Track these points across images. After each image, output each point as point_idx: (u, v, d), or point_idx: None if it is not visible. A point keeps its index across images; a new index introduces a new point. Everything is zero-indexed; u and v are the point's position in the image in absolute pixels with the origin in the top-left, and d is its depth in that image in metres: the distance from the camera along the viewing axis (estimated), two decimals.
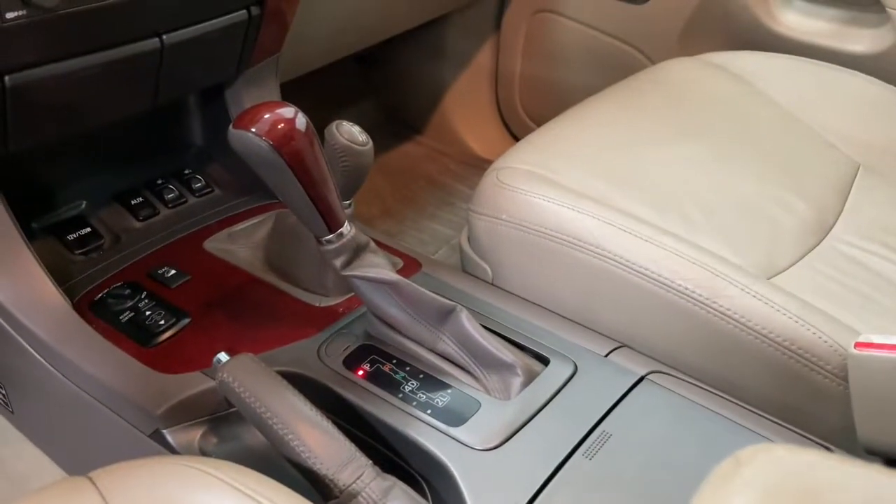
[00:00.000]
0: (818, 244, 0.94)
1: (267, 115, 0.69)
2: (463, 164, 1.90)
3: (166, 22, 0.84)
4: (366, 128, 0.84)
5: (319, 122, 0.76)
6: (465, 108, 1.92)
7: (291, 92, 1.16)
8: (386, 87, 1.98)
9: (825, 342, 0.76)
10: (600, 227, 0.87)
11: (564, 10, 1.65)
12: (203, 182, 1.07)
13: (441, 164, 1.91)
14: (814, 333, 0.77)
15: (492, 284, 0.95)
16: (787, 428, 0.74)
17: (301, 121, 0.70)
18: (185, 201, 1.04)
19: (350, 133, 0.83)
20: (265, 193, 1.05)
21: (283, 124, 0.68)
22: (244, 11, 0.93)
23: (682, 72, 1.28)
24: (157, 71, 0.88)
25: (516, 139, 1.94)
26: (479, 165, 1.89)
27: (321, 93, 1.74)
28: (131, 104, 0.91)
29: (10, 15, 0.69)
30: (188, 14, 0.86)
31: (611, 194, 0.94)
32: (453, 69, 1.89)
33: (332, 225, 0.74)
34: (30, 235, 0.88)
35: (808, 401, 0.78)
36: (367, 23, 1.35)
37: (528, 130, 1.86)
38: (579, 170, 0.98)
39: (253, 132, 0.68)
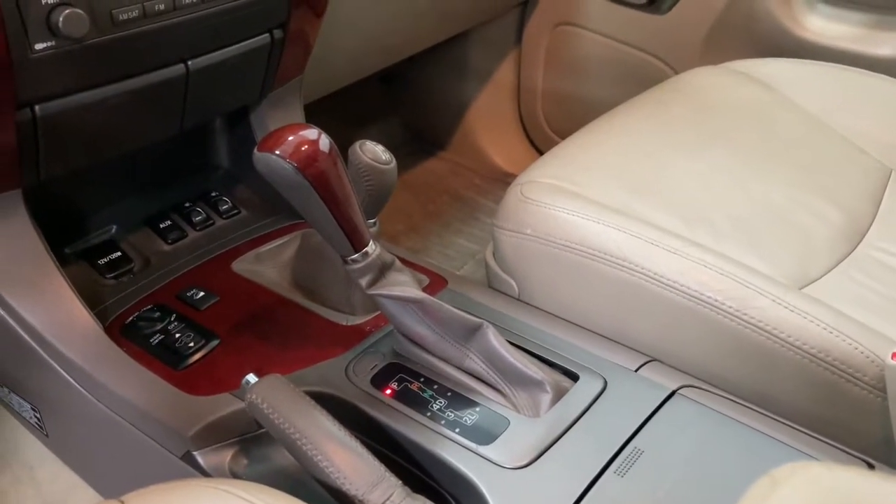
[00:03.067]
0: (851, 252, 0.92)
1: (291, 138, 0.69)
2: (487, 179, 1.90)
3: (191, 48, 0.86)
4: (390, 145, 0.85)
5: (343, 141, 0.76)
6: (488, 122, 1.93)
7: (315, 112, 1.18)
8: (409, 104, 1.99)
9: (861, 353, 0.74)
10: (626, 240, 0.86)
11: (585, 22, 1.65)
12: (230, 204, 1.08)
13: (465, 179, 1.92)
14: (849, 344, 0.75)
15: (518, 300, 0.95)
16: (824, 442, 0.72)
17: (325, 142, 0.70)
18: (213, 223, 1.06)
19: (373, 152, 0.83)
20: (291, 214, 1.05)
21: (306, 146, 0.69)
22: (267, 35, 0.94)
23: (706, 80, 1.26)
24: (184, 96, 0.89)
25: (540, 153, 1.94)
26: (503, 180, 1.89)
27: (345, 112, 1.76)
28: (159, 130, 0.92)
29: (38, 46, 0.71)
30: (212, 39, 0.87)
31: (636, 206, 0.93)
32: (476, 84, 1.90)
33: (357, 244, 0.74)
34: (62, 261, 0.90)
35: (846, 413, 0.77)
36: (389, 42, 1.36)
37: (552, 144, 1.87)
38: (604, 182, 0.97)
39: (277, 154, 0.68)
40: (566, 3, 1.65)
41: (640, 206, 0.93)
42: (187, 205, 1.06)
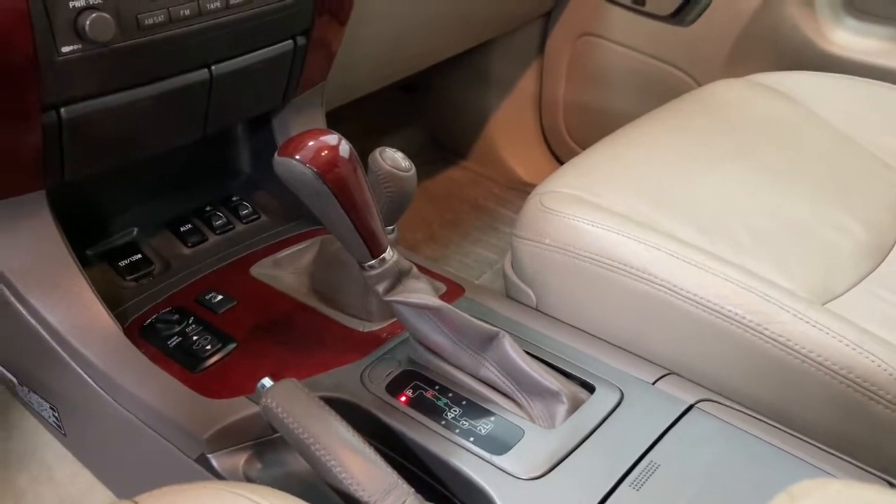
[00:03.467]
0: (876, 268, 0.91)
1: (311, 143, 0.69)
2: (507, 189, 1.90)
3: (215, 53, 0.86)
4: (410, 153, 0.85)
5: (364, 148, 0.77)
6: (509, 132, 1.93)
7: (337, 119, 1.18)
8: (430, 112, 1.99)
9: (885, 370, 0.73)
10: (646, 252, 0.86)
11: (608, 33, 1.65)
12: (250, 209, 1.09)
13: (485, 188, 1.91)
14: (872, 361, 0.74)
15: (536, 310, 0.94)
16: (844, 459, 0.71)
17: (345, 148, 0.70)
18: (233, 228, 1.06)
19: (394, 159, 0.83)
20: (310, 220, 1.06)
21: (326, 151, 0.69)
22: (290, 42, 0.95)
23: (730, 92, 1.26)
24: (207, 101, 0.90)
25: (561, 163, 1.93)
26: (524, 190, 1.88)
27: (366, 119, 1.77)
28: (182, 134, 0.93)
29: (65, 49, 0.72)
30: (236, 45, 0.88)
31: (657, 217, 0.92)
32: (497, 94, 1.90)
33: (375, 250, 0.74)
34: (84, 262, 0.91)
35: (867, 431, 0.75)
36: (412, 50, 1.37)
37: (573, 154, 1.85)
38: (624, 193, 0.96)
39: (297, 159, 0.69)
40: (589, 14, 1.65)
41: (661, 217, 0.92)
42: (208, 209, 1.07)
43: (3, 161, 0.77)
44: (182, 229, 1.03)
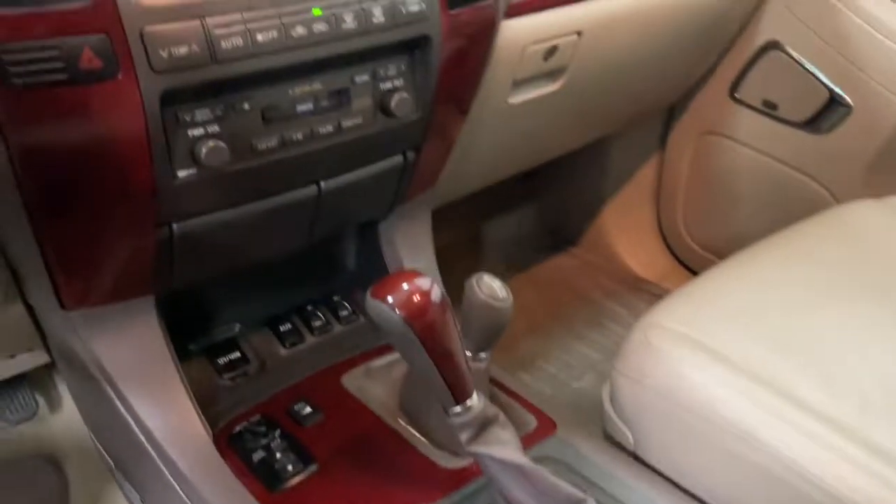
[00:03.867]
0: None
1: (404, 286, 0.68)
2: (617, 282, 1.84)
3: (325, 171, 0.88)
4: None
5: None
6: (623, 223, 1.87)
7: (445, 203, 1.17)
8: (543, 195, 1.97)
9: None
10: (756, 413, 0.79)
11: (735, 133, 1.58)
12: (350, 310, 1.09)
13: (594, 279, 1.86)
14: None
15: (633, 455, 0.88)
16: None
17: (436, 293, 0.69)
18: (331, 329, 1.07)
19: (490, 288, 0.81)
20: None
21: (418, 297, 0.68)
22: (400, 156, 0.95)
23: (869, 217, 1.16)
24: (314, 213, 0.91)
25: (678, 259, 1.85)
26: (635, 285, 1.82)
27: (478, 201, 1.77)
28: (288, 243, 0.95)
29: (181, 173, 0.74)
30: (346, 163, 0.89)
31: (775, 366, 0.85)
32: (614, 183, 1.85)
33: (460, 396, 0.72)
34: (185, 356, 0.93)
35: None
36: (527, 152, 1.35)
37: (691, 254, 1.78)
38: (740, 334, 0.90)
39: (388, 303, 0.68)
40: (714, 112, 1.59)
41: (780, 366, 0.85)
42: (309, 308, 1.08)
43: (115, 270, 0.80)
44: (282, 329, 1.04)
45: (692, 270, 1.82)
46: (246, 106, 0.76)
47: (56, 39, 0.62)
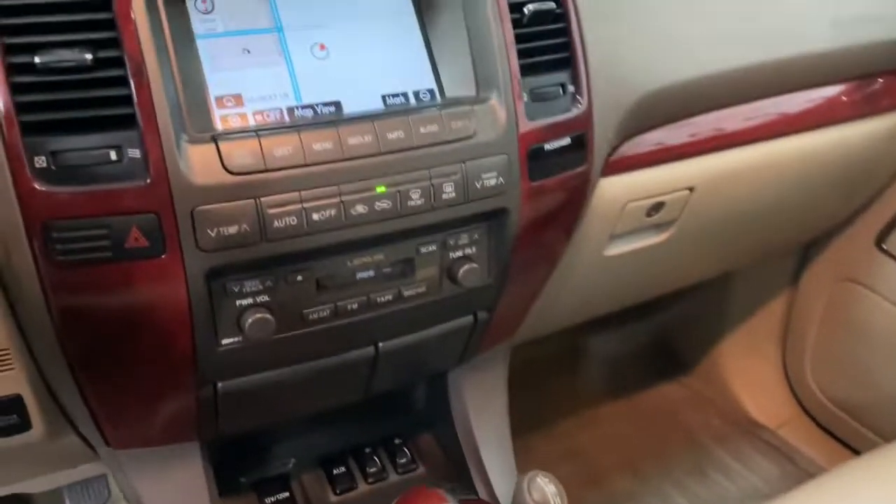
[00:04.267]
0: None
1: None
2: (730, 423, 1.67)
3: (383, 334, 0.83)
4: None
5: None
6: (744, 359, 1.71)
7: None
8: (655, 312, 1.84)
9: None
10: None
11: (878, 285, 1.40)
12: (409, 457, 1.04)
13: (703, 416, 1.70)
14: None
15: None
16: None
17: None
18: (386, 477, 1.02)
19: (542, 494, 0.73)
20: (468, 486, 0.98)
21: None
22: (470, 317, 0.89)
23: None
24: (370, 372, 0.87)
25: (802, 408, 1.66)
26: (750, 430, 1.64)
27: None
28: (342, 399, 0.91)
29: (226, 341, 0.72)
30: (407, 327, 0.84)
31: None
32: (736, 315, 1.70)
33: None
34: (235, 489, 0.91)
35: None
36: (629, 293, 1.25)
37: (818, 404, 1.59)
38: None
39: None
40: (857, 259, 1.42)
41: None
42: (367, 449, 1.04)
43: (158, 422, 0.80)
44: (335, 472, 1.00)
45: (817, 422, 1.63)
46: (299, 277, 0.73)
47: (105, 218, 0.62)
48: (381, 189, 0.71)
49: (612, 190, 0.95)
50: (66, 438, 0.82)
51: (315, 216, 0.69)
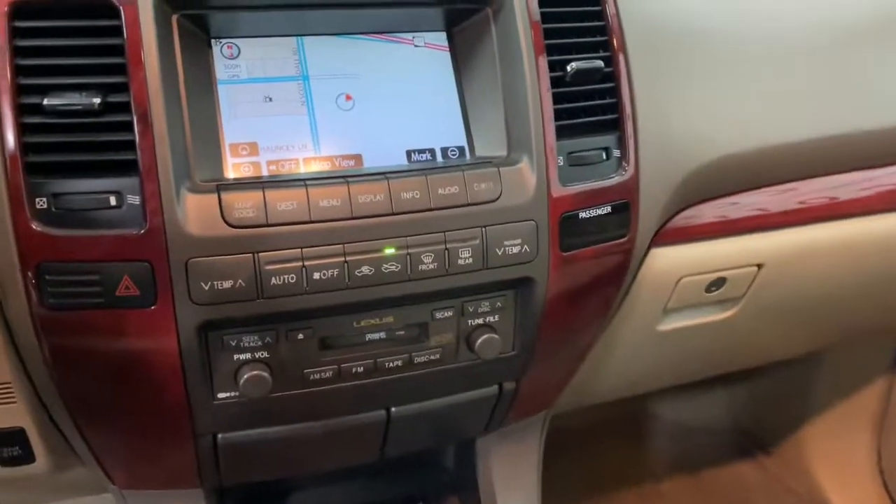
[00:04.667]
0: None
1: None
2: None
3: (394, 400, 0.79)
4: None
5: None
6: (831, 447, 1.55)
7: None
8: (733, 382, 1.69)
9: None
10: None
11: None
12: None
13: None
14: None
15: None
16: None
17: None
18: None
19: None
20: None
21: None
22: (494, 387, 0.83)
23: None
24: (383, 437, 0.82)
25: None
26: None
27: None
28: (352, 459, 0.87)
29: (222, 395, 0.70)
30: (421, 393, 0.79)
31: None
32: (825, 395, 1.54)
33: None
34: None
35: None
36: (689, 369, 1.15)
37: None
38: None
39: None
40: None
41: None
42: None
43: (158, 467, 0.78)
44: None
45: None
46: (300, 335, 0.69)
47: (97, 264, 0.61)
48: (390, 251, 0.67)
49: (665, 262, 0.87)
50: (73, 472, 0.82)
51: (316, 275, 0.65)
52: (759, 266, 0.92)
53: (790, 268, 0.95)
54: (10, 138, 0.60)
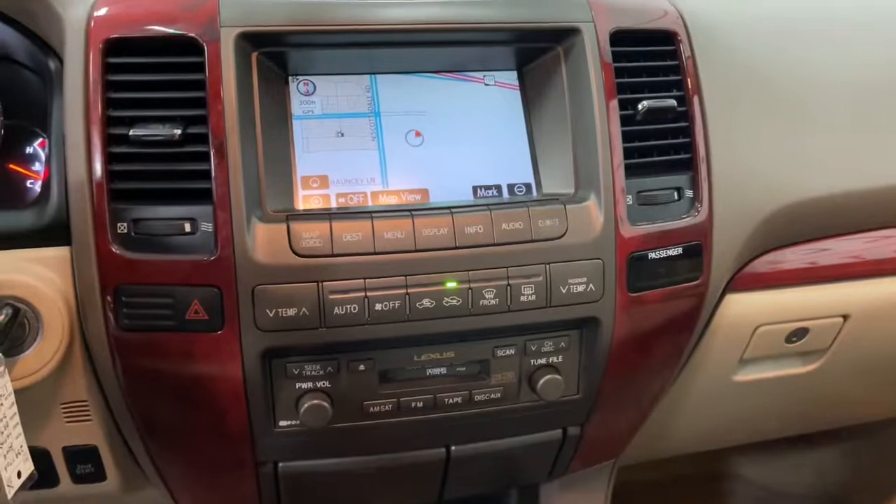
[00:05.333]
0: None
1: None
2: None
3: (455, 437, 0.78)
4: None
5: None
6: None
7: None
8: (822, 444, 1.58)
9: None
10: None
11: None
12: None
13: None
14: None
15: None
16: None
17: None
18: None
19: None
20: None
21: None
22: (558, 431, 0.81)
23: None
24: (443, 476, 0.81)
25: None
26: None
27: None
28: (412, 497, 0.86)
29: (283, 423, 0.71)
30: (484, 431, 0.78)
31: None
32: None
33: None
34: None
35: None
36: (770, 426, 1.08)
37: None
38: None
39: None
40: None
41: None
42: None
43: (223, 495, 0.79)
44: None
45: None
46: (361, 367, 0.70)
47: (170, 287, 0.63)
48: (451, 284, 0.67)
49: (742, 309, 0.84)
50: (141, 493, 0.84)
51: (378, 306, 0.66)
52: (845, 317, 0.87)
53: (879, 321, 0.89)
54: (98, 167, 0.64)
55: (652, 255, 0.72)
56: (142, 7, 0.68)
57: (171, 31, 0.65)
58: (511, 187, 0.73)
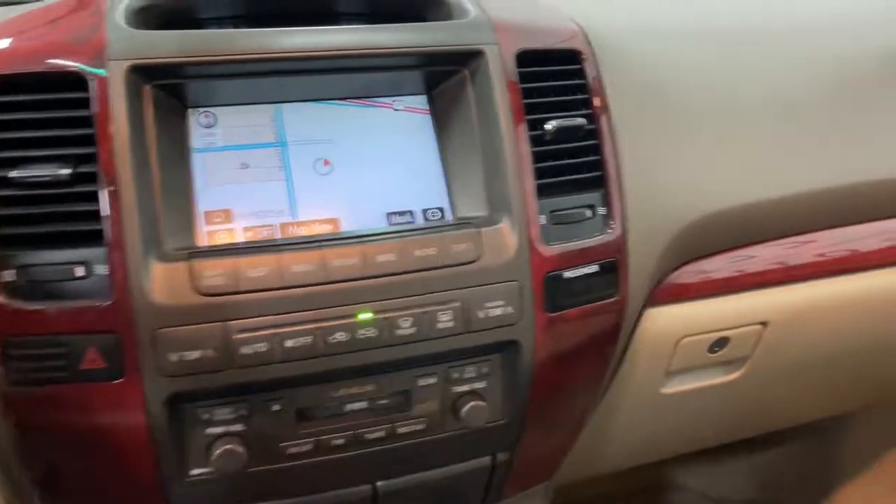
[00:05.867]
0: None
1: None
2: None
3: (379, 473, 0.75)
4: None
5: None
6: None
7: None
8: (756, 447, 1.61)
9: None
10: None
11: None
12: None
13: None
14: None
15: None
16: None
17: None
18: None
19: None
20: None
21: None
22: (487, 458, 0.79)
23: None
24: None
25: None
26: None
27: None
28: None
29: (195, 472, 0.67)
30: (409, 464, 0.76)
31: None
32: (856, 460, 1.46)
33: None
34: None
35: None
36: (700, 436, 1.09)
37: None
38: None
39: None
40: None
41: None
42: None
43: None
44: None
45: None
46: (275, 406, 0.67)
47: (63, 336, 0.60)
48: (365, 315, 0.65)
49: (664, 322, 0.84)
50: None
51: (289, 342, 0.63)
52: (764, 324, 0.89)
53: (797, 325, 0.91)
54: None
55: (568, 273, 0.72)
56: (27, 42, 0.65)
57: (56, 67, 0.62)
58: (424, 213, 0.72)
